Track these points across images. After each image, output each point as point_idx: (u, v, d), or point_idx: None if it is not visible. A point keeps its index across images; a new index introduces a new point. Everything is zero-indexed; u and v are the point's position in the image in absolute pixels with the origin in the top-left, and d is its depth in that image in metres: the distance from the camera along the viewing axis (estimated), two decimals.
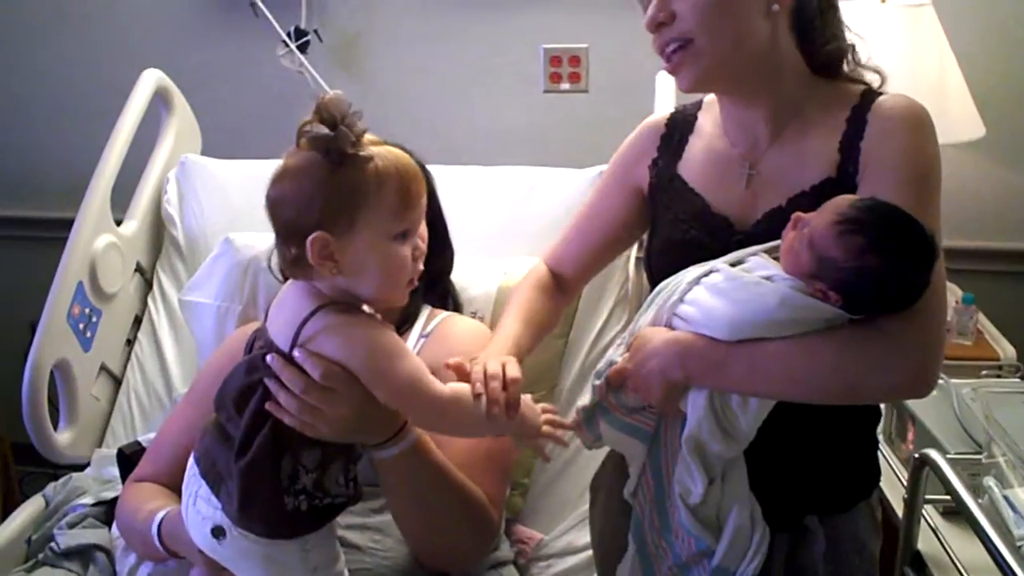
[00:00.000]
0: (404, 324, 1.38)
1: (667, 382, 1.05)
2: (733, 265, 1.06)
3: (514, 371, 1.08)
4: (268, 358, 1.04)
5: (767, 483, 1.09)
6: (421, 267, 1.09)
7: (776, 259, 1.06)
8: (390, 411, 1.10)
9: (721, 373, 1.02)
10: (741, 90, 1.13)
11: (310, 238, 1.00)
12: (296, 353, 1.03)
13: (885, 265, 0.97)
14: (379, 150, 1.03)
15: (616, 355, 1.12)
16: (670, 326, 1.08)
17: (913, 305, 0.98)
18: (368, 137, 1.03)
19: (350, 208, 1.01)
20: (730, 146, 1.17)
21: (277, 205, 1.04)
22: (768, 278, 1.02)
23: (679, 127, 1.23)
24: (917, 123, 1.07)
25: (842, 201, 1.01)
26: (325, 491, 1.06)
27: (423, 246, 1.10)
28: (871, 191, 1.04)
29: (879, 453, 1.22)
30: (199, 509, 1.08)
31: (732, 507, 1.07)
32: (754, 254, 1.07)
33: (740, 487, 1.07)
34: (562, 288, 1.31)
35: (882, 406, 1.49)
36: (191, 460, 1.11)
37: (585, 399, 1.14)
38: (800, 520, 1.13)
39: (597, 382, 1.13)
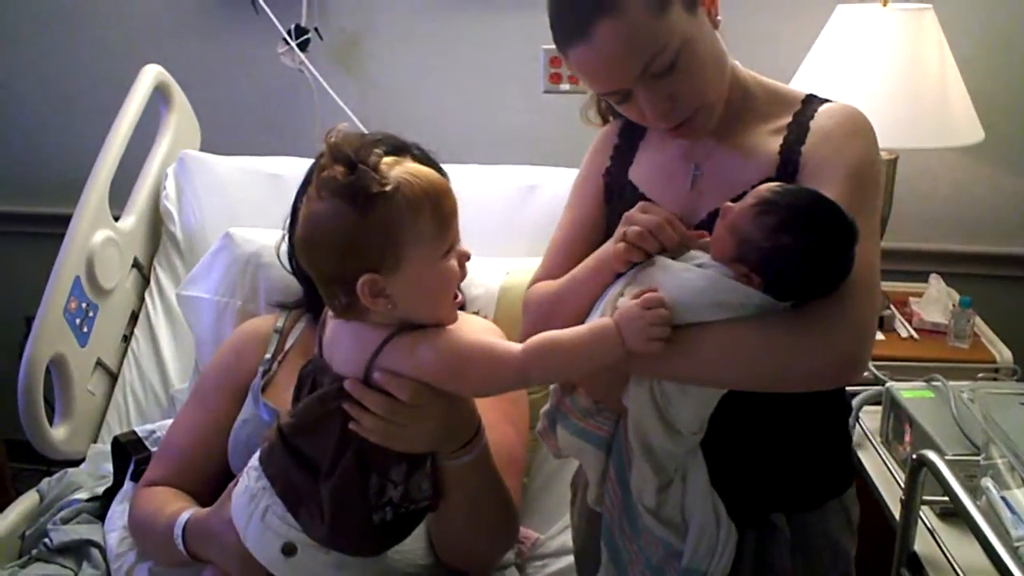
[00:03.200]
0: None
1: (607, 372, 1.05)
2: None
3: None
4: (347, 384, 1.03)
5: (731, 479, 1.09)
6: (467, 272, 1.08)
7: None
8: (470, 413, 1.11)
9: (654, 359, 1.02)
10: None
11: (360, 282, 0.99)
12: (376, 376, 1.03)
13: (797, 243, 0.99)
14: (402, 175, 1.00)
15: None
16: None
17: (836, 288, 1.00)
18: (385, 161, 1.01)
19: (393, 246, 0.99)
20: (676, 147, 1.16)
21: (314, 256, 1.03)
22: (699, 265, 1.04)
23: (630, 135, 1.22)
24: (855, 128, 1.08)
25: (762, 187, 1.04)
26: (411, 499, 1.07)
27: (467, 250, 1.08)
28: None
29: (853, 453, 1.24)
30: (269, 524, 1.07)
31: (694, 506, 1.07)
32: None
33: (701, 485, 1.07)
34: None
35: (852, 402, 1.50)
36: (255, 473, 1.09)
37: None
38: (767, 517, 1.13)
39: (553, 385, 1.14)
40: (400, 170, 1.01)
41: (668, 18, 1.01)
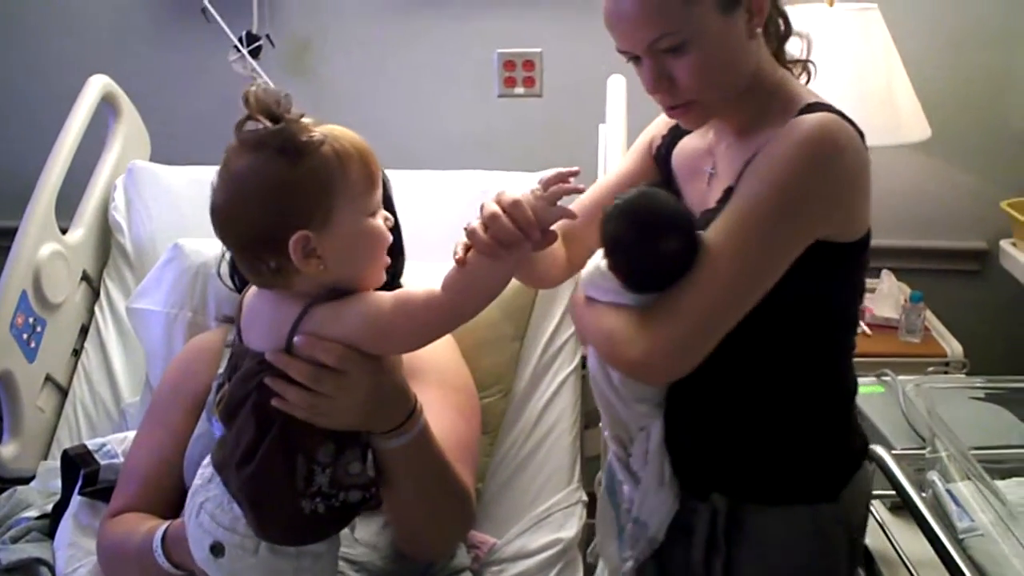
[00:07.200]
0: None
1: None
2: None
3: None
4: (268, 355, 1.00)
5: (682, 446, 1.13)
6: (391, 239, 1.06)
7: None
8: (401, 389, 1.08)
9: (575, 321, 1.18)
10: (727, 109, 1.12)
11: (293, 239, 0.97)
12: (297, 340, 0.99)
13: (608, 233, 1.07)
14: (325, 130, 1.00)
15: None
16: None
17: (669, 277, 1.03)
18: (305, 119, 1.00)
19: (324, 198, 0.98)
20: (706, 141, 1.18)
21: (241, 218, 0.99)
22: None
23: None
24: (804, 141, 1.01)
25: None
26: (340, 485, 1.03)
27: (390, 218, 1.07)
28: None
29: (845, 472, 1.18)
30: (201, 522, 1.04)
31: (646, 462, 1.13)
32: None
33: (655, 444, 1.13)
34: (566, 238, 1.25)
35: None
36: (205, 470, 1.07)
37: None
38: (707, 494, 1.15)
39: None
40: (321, 127, 1.00)
41: (694, 7, 1.02)
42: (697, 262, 1.02)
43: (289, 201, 0.96)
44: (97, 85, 1.95)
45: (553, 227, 1.02)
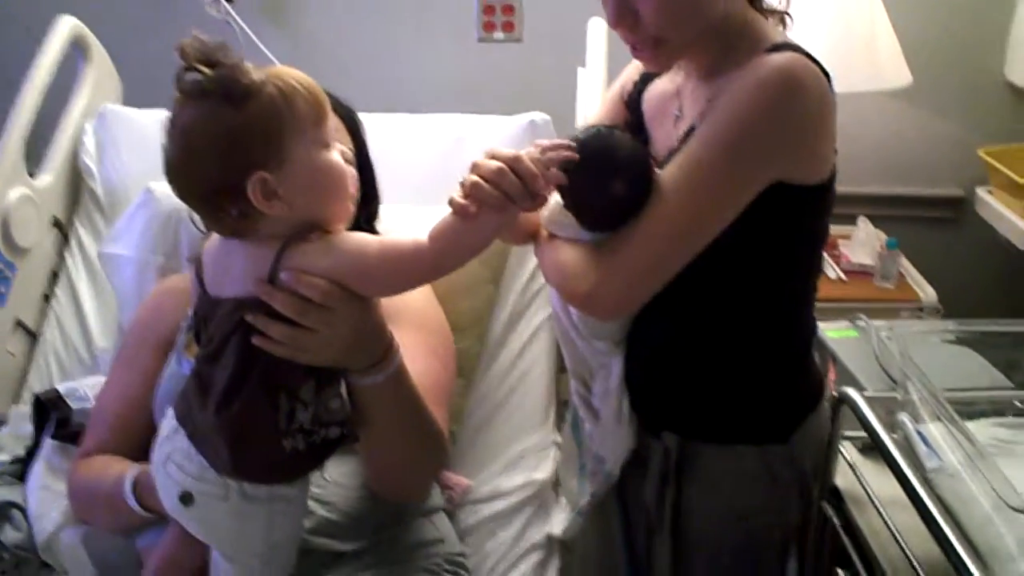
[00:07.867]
0: None
1: None
2: None
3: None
4: (255, 286, 0.99)
5: (638, 385, 1.15)
6: (355, 171, 1.04)
7: None
8: (379, 327, 1.08)
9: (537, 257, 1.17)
10: (693, 51, 1.11)
11: (251, 182, 0.96)
12: (284, 276, 0.99)
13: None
14: (267, 71, 0.99)
15: None
16: None
17: (618, 217, 1.04)
18: (245, 63, 0.99)
19: (275, 137, 0.97)
20: (673, 84, 1.17)
21: (195, 169, 0.98)
22: None
23: None
24: (764, 80, 0.99)
25: None
26: (321, 422, 1.04)
27: (347, 151, 1.05)
28: None
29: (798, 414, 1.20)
30: (169, 472, 1.05)
31: (605, 399, 1.16)
32: None
33: (614, 382, 1.15)
34: None
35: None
36: (169, 422, 1.07)
37: None
38: (659, 432, 1.17)
39: None
40: (261, 70, 1.00)
41: None
42: (649, 202, 1.02)
43: (242, 146, 0.96)
44: (65, 27, 1.90)
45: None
